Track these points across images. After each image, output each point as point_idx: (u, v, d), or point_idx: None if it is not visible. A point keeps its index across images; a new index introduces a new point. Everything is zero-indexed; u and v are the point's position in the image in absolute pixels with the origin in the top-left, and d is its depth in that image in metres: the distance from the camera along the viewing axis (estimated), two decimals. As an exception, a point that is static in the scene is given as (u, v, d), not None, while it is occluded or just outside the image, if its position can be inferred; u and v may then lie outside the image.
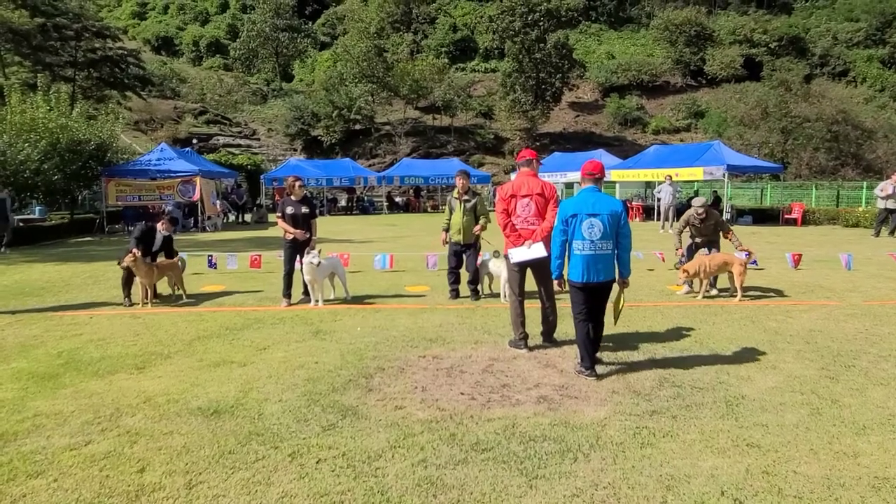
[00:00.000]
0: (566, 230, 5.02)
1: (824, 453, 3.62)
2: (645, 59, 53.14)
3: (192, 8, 75.25)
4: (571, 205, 5.05)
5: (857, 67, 48.91)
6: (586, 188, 5.18)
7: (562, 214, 5.05)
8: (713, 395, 4.60)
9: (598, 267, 4.96)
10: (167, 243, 8.90)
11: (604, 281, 5.00)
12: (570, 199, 5.14)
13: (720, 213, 9.70)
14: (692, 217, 8.93)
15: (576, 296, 5.09)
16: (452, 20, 59.12)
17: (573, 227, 4.98)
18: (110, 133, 22.93)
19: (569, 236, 5.01)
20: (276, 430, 4.00)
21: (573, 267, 5.03)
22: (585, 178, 5.22)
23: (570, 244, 5.02)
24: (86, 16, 32.22)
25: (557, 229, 5.07)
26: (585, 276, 4.96)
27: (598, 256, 4.95)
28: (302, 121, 42.81)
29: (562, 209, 5.09)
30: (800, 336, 6.33)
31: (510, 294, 5.99)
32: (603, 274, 4.98)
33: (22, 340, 6.43)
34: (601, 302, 5.11)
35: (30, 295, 9.11)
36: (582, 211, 4.97)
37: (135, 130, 39.72)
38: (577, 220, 4.97)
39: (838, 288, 9.19)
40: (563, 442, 3.78)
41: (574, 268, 5.02)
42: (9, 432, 4.00)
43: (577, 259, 4.98)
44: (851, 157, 36.22)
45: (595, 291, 5.03)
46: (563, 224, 5.03)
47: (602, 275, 4.98)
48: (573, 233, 4.98)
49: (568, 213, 5.02)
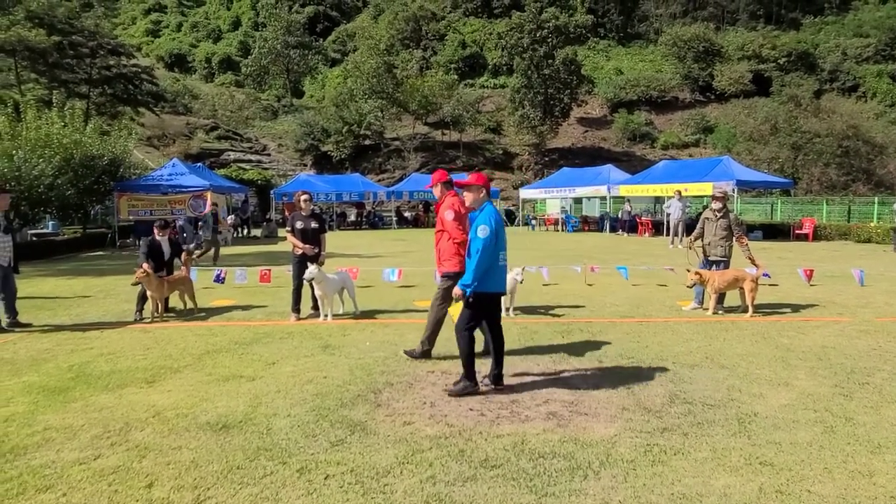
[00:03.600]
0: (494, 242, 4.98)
1: (839, 472, 3.57)
2: (653, 74, 53.34)
3: (204, 26, 76.44)
4: (496, 217, 5.01)
5: (867, 83, 48.83)
6: (489, 201, 5.18)
7: (492, 227, 4.91)
8: (725, 412, 4.55)
9: (505, 276, 5.25)
10: (176, 247, 8.93)
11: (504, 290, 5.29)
12: (492, 212, 5.02)
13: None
14: (709, 210, 8.83)
15: (489, 307, 5.11)
16: (461, 37, 59.65)
17: (500, 239, 5.00)
18: (123, 148, 23.22)
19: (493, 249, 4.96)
20: (285, 445, 3.99)
21: (498, 278, 5.04)
22: (483, 188, 5.18)
23: (495, 256, 4.97)
24: (101, 34, 32.77)
25: (489, 241, 4.85)
26: (502, 287, 5.16)
27: (505, 265, 5.18)
28: (312, 136, 43.20)
29: (490, 221, 4.92)
30: (812, 353, 6.26)
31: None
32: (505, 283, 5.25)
33: (33, 354, 6.47)
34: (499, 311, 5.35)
35: (42, 309, 9.18)
36: (500, 221, 5.05)
37: (147, 146, 40.23)
38: (501, 231, 5.03)
39: (851, 304, 9.10)
40: (573, 459, 3.74)
41: (498, 279, 5.05)
42: (19, 446, 4.01)
43: (501, 270, 5.06)
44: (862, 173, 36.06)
45: (499, 300, 5.34)
46: (494, 236, 4.91)
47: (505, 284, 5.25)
48: (500, 244, 5.00)
49: (500, 225, 5.01)
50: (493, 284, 4.99)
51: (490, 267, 4.90)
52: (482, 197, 5.15)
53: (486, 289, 4.94)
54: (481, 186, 5.16)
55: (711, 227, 8.73)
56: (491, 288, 4.98)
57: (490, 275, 4.92)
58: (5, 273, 7.82)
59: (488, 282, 4.92)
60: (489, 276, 4.92)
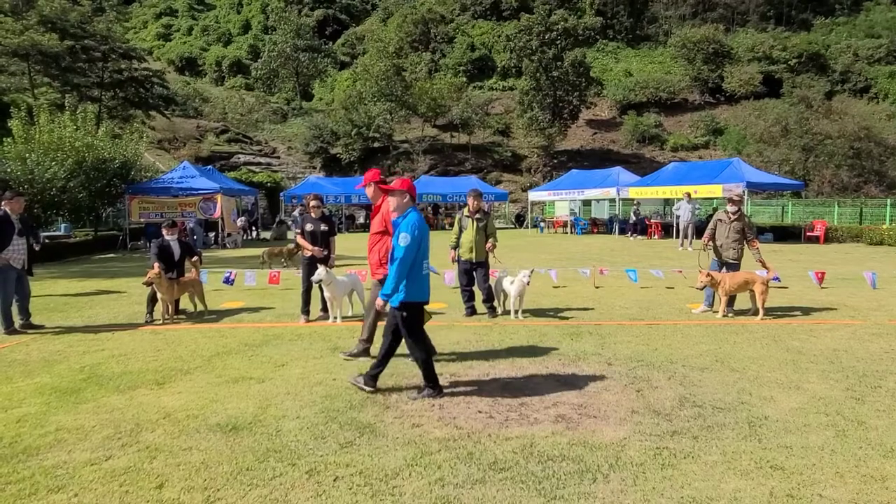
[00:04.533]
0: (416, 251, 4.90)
1: (851, 476, 3.54)
2: (663, 76, 53.13)
3: (215, 29, 76.93)
4: (418, 225, 4.89)
5: (879, 84, 48.40)
6: (414, 207, 5.06)
7: (417, 235, 4.83)
8: (735, 415, 4.52)
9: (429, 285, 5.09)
10: (187, 248, 8.96)
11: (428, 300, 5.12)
12: (417, 219, 4.91)
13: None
14: (722, 212, 8.79)
15: (417, 316, 5.02)
16: (470, 39, 59.69)
17: (423, 248, 4.92)
18: (134, 152, 23.41)
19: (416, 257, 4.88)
20: (294, 447, 4.00)
21: (421, 287, 4.95)
22: (408, 193, 5.06)
23: (418, 265, 4.90)
24: (113, 38, 33.02)
25: (412, 250, 4.79)
26: (426, 296, 5.04)
27: (428, 274, 5.09)
28: (321, 139, 43.35)
29: (412, 230, 4.83)
30: (824, 356, 6.21)
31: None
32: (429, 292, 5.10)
33: (45, 356, 6.53)
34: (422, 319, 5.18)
35: (54, 311, 9.26)
36: (425, 229, 4.97)
37: (158, 149, 40.52)
38: (425, 239, 4.95)
39: (863, 307, 9.02)
40: (582, 462, 3.73)
41: (422, 288, 4.96)
42: (31, 446, 4.05)
43: (424, 279, 4.98)
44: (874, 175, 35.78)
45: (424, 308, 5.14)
46: (415, 245, 4.83)
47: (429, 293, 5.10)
48: (422, 253, 4.93)
49: (424, 232, 4.92)
50: (418, 293, 4.92)
51: (414, 276, 4.85)
52: (406, 202, 4.99)
53: (412, 298, 4.87)
54: (405, 192, 5.01)
55: (724, 230, 8.69)
56: (416, 297, 4.90)
57: (414, 283, 4.87)
58: (19, 275, 7.90)
59: (413, 290, 4.86)
60: (413, 284, 4.86)
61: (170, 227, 8.83)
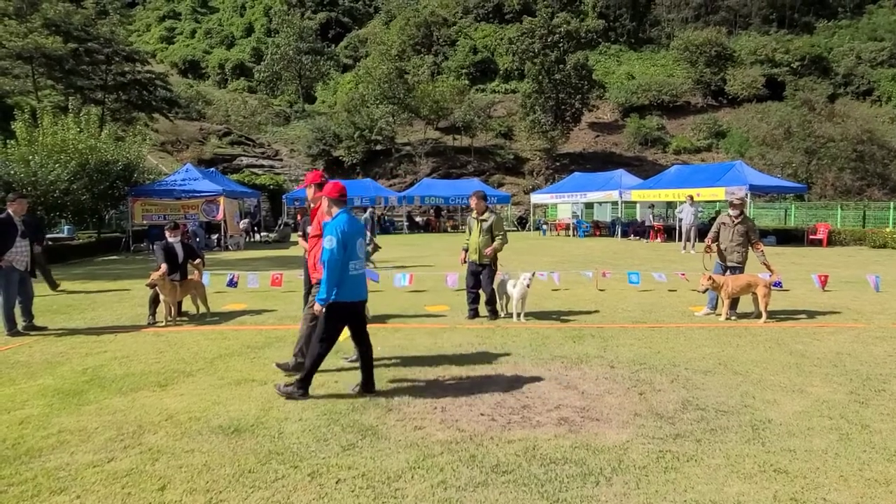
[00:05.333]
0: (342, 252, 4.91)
1: (855, 480, 3.52)
2: (665, 79, 53.14)
3: (218, 32, 77.17)
4: (349, 225, 4.95)
5: (882, 87, 48.34)
6: (345, 209, 5.10)
7: (342, 236, 4.87)
8: (738, 418, 4.50)
9: (364, 284, 5.18)
10: (189, 250, 8.97)
11: (366, 298, 5.22)
12: (343, 221, 4.95)
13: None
14: (725, 216, 8.78)
15: (343, 318, 5.05)
16: (472, 42, 59.78)
17: (349, 249, 4.94)
18: (137, 154, 23.44)
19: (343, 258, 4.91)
20: (296, 449, 4.00)
21: (350, 288, 4.97)
22: (338, 200, 5.09)
23: (345, 266, 4.92)
24: (116, 41, 33.08)
25: (337, 253, 4.83)
26: (360, 295, 5.10)
27: (363, 274, 5.17)
28: (324, 141, 43.41)
29: (337, 232, 4.87)
30: (827, 359, 6.19)
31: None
32: (365, 290, 5.21)
33: (48, 357, 6.54)
34: (362, 319, 5.20)
35: (57, 313, 9.28)
36: (353, 231, 5.00)
37: (161, 151, 40.58)
38: (352, 240, 4.97)
39: (866, 310, 9.00)
40: (585, 465, 3.72)
41: (351, 288, 4.98)
42: (34, 448, 4.06)
43: (353, 279, 4.99)
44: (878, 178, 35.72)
45: (360, 309, 5.17)
46: (341, 247, 4.88)
47: (365, 291, 5.21)
48: (349, 254, 4.94)
49: (350, 235, 4.94)
50: (346, 294, 4.93)
51: (342, 277, 4.89)
52: (333, 206, 5.09)
53: (338, 298, 4.91)
54: (330, 196, 5.11)
55: (728, 233, 8.68)
56: (343, 297, 4.92)
57: (342, 285, 4.90)
58: (23, 277, 7.92)
59: (340, 291, 4.90)
60: (341, 285, 4.90)
61: (172, 228, 8.83)
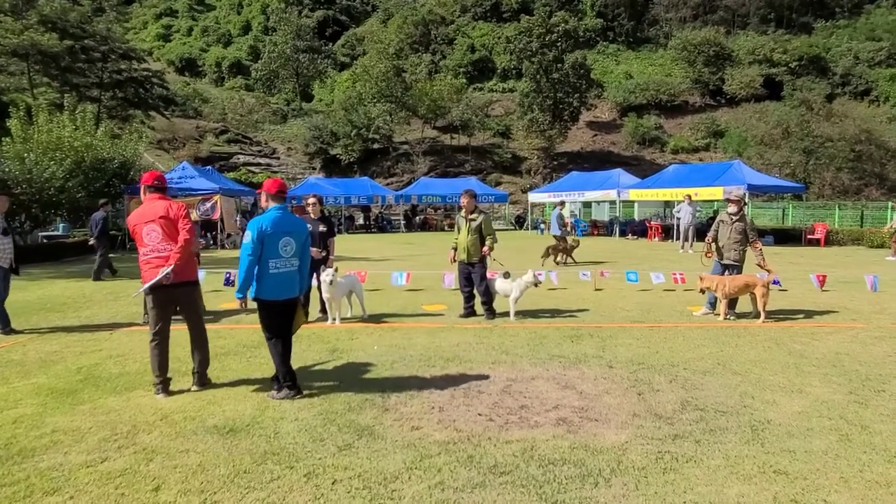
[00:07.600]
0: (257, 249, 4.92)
1: (855, 482, 3.50)
2: (663, 78, 53.13)
3: (215, 30, 76.87)
4: (268, 223, 4.96)
5: (880, 87, 48.38)
6: (276, 207, 5.13)
7: (259, 234, 4.89)
8: (738, 419, 4.48)
9: (292, 283, 5.11)
10: None
11: (294, 297, 5.16)
12: (264, 218, 5.01)
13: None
14: (724, 213, 8.76)
15: (271, 315, 5.04)
16: (470, 41, 59.68)
17: (268, 247, 4.93)
18: (133, 152, 23.35)
19: (262, 255, 4.92)
20: (292, 449, 3.96)
21: (269, 286, 4.96)
22: (275, 196, 5.17)
23: (264, 263, 4.93)
24: (112, 38, 32.97)
25: (248, 249, 4.86)
26: (282, 294, 5.03)
27: (291, 273, 5.10)
28: (321, 140, 43.33)
29: (260, 227, 4.91)
30: (826, 359, 6.17)
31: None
32: (294, 290, 5.14)
33: (42, 356, 6.49)
34: (291, 318, 5.17)
35: (52, 311, 9.21)
36: (279, 230, 4.99)
37: (157, 149, 40.48)
38: (274, 238, 4.96)
39: (865, 310, 8.99)
40: (584, 466, 3.69)
41: (271, 286, 4.97)
42: (27, 448, 4.01)
43: (273, 277, 4.97)
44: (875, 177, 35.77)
45: (288, 307, 5.12)
46: (257, 243, 4.89)
47: (293, 291, 5.14)
48: (269, 251, 4.94)
49: (265, 232, 4.93)
50: (267, 292, 4.95)
51: (261, 274, 4.92)
52: (268, 203, 5.17)
53: (260, 295, 4.96)
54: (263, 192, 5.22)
55: (726, 231, 8.65)
56: (264, 294, 4.95)
57: (261, 281, 4.93)
58: (5, 274, 7.81)
59: (261, 288, 4.95)
60: (261, 282, 4.93)
61: None
